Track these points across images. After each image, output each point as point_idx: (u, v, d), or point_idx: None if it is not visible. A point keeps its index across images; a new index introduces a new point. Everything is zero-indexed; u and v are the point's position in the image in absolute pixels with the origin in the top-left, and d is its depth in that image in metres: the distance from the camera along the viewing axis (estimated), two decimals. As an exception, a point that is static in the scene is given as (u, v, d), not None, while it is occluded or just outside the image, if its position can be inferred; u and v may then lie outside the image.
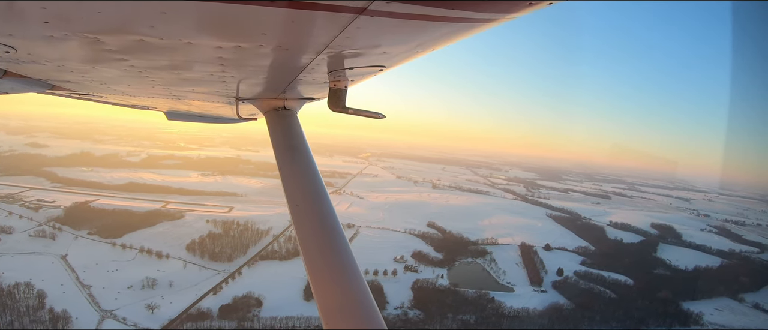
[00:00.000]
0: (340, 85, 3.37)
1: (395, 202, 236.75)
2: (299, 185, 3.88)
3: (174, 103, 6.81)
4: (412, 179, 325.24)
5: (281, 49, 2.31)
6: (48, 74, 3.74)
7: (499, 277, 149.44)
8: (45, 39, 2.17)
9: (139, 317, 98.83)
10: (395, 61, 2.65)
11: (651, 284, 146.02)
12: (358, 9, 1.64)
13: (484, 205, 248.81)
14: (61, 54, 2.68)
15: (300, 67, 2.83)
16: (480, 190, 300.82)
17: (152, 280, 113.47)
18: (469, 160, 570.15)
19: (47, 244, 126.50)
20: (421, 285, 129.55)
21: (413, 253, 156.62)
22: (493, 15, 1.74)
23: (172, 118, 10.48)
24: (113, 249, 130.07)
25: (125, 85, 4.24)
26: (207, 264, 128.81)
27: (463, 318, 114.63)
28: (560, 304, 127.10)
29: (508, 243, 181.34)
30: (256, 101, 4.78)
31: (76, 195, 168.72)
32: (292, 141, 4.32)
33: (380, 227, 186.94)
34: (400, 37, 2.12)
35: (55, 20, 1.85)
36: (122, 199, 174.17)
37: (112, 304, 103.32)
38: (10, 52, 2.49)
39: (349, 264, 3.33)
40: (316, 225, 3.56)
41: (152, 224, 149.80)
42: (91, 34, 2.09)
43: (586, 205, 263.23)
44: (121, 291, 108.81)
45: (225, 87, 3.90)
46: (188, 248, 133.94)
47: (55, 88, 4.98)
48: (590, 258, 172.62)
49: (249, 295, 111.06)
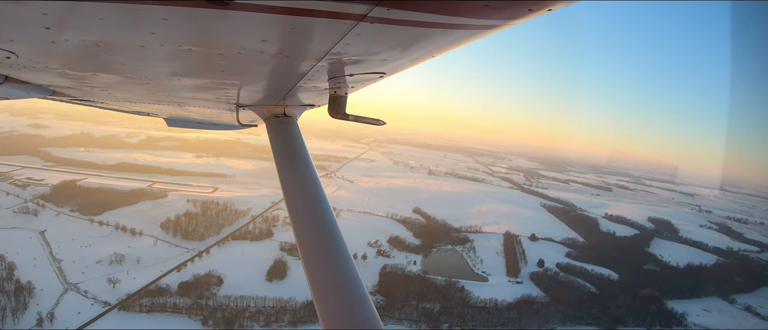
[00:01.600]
0: (341, 92, 3.40)
1: (385, 186, 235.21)
2: (299, 192, 3.84)
3: (174, 109, 6.89)
4: (409, 165, 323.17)
5: (281, 56, 2.30)
6: (49, 80, 3.74)
7: (475, 266, 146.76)
8: (46, 45, 2.16)
9: (100, 291, 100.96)
10: (395, 68, 2.65)
11: (637, 280, 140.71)
12: (358, 16, 1.64)
13: (477, 192, 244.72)
14: (61, 60, 2.68)
15: (300, 74, 2.83)
16: (477, 177, 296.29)
17: (120, 256, 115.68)
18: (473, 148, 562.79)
19: (28, 220, 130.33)
20: (389, 270, 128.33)
21: (390, 238, 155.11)
22: (493, 22, 1.74)
23: (173, 125, 10.78)
24: (91, 226, 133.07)
25: (126, 91, 4.29)
26: (178, 242, 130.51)
27: (425, 306, 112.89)
28: (533, 297, 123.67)
29: (493, 231, 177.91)
30: (257, 108, 4.75)
31: (65, 174, 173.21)
32: (292, 148, 4.28)
33: (362, 211, 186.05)
34: (400, 44, 2.11)
35: (56, 26, 1.83)
36: (111, 178, 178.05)
37: (78, 277, 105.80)
38: (12, 57, 2.46)
39: (349, 271, 3.30)
40: (316, 232, 3.56)
41: (133, 203, 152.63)
42: (91, 41, 2.08)
43: (585, 197, 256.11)
44: (90, 265, 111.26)
45: (225, 94, 3.91)
46: (162, 226, 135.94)
47: (56, 94, 4.95)
48: (577, 250, 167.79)
49: (211, 274, 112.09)
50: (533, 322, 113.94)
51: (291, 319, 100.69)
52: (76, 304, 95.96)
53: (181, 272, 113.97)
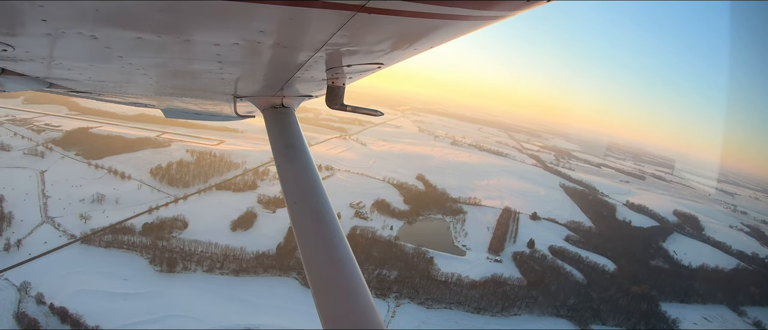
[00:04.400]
0: (338, 83, 3.42)
1: (398, 152, 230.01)
2: (296, 182, 3.87)
3: (172, 101, 7.01)
4: (435, 134, 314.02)
5: (279, 46, 2.30)
6: (46, 72, 3.72)
7: (457, 238, 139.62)
8: (43, 37, 2.15)
9: (71, 226, 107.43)
10: (393, 58, 2.67)
11: (635, 275, 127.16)
12: (355, 6, 1.63)
13: (494, 166, 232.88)
14: (58, 52, 2.68)
15: (298, 65, 2.86)
16: (501, 152, 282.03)
17: (102, 196, 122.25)
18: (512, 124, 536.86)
19: (34, 161, 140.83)
20: (359, 233, 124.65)
21: (375, 202, 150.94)
22: (491, 13, 1.73)
23: (170, 116, 10.93)
24: (88, 168, 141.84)
25: (123, 82, 4.33)
26: (162, 188, 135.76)
27: (381, 272, 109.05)
28: (503, 278, 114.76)
29: (493, 206, 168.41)
30: (254, 98, 4.74)
31: (83, 122, 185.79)
32: (289, 139, 4.32)
33: (359, 173, 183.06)
34: (397, 35, 2.12)
35: (52, 18, 1.82)
36: (125, 127, 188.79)
37: (58, 212, 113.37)
38: (8, 50, 2.45)
39: (347, 260, 3.33)
40: (313, 221, 3.59)
41: (136, 150, 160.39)
42: (88, 32, 2.06)
43: (612, 182, 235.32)
44: (72, 203, 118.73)
45: (223, 84, 3.93)
46: (152, 173, 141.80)
47: (54, 86, 4.89)
48: (580, 235, 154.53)
49: (177, 218, 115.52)
50: (494, 304, 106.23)
51: (235, 268, 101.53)
52: (47, 235, 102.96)
53: (151, 215, 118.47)
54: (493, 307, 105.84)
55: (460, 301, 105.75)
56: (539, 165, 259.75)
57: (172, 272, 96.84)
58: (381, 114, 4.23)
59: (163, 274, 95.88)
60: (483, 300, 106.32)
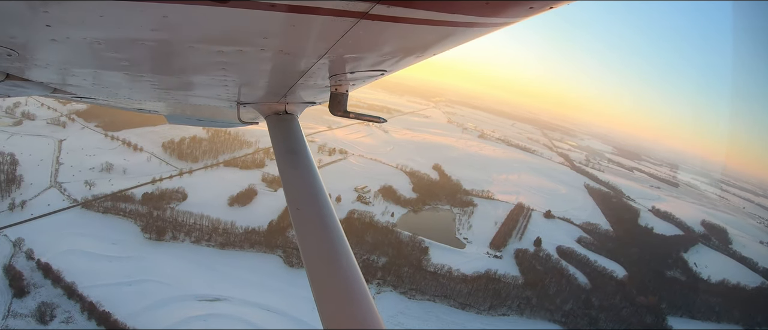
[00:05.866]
0: (342, 90, 3.44)
1: (419, 141, 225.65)
2: (300, 189, 3.84)
3: (175, 106, 7.13)
4: (464, 126, 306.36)
5: (282, 53, 2.31)
6: (50, 78, 3.75)
7: (459, 231, 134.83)
8: (47, 43, 2.15)
9: (75, 191, 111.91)
10: (396, 65, 2.66)
11: (646, 284, 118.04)
12: (359, 13, 1.63)
13: (517, 161, 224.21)
14: (62, 58, 2.69)
15: (301, 72, 2.86)
16: (530, 148, 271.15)
17: (111, 165, 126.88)
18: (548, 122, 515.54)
19: (55, 130, 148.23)
20: (356, 216, 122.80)
21: (382, 187, 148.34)
22: (494, 20, 1.72)
23: (173, 122, 10.99)
24: (104, 139, 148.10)
25: (127, 88, 4.33)
26: (171, 161, 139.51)
27: (370, 258, 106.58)
28: (498, 275, 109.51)
29: (507, 200, 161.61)
30: (258, 105, 4.76)
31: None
32: (293, 145, 4.30)
33: (373, 158, 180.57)
34: (401, 42, 2.11)
35: (56, 24, 1.82)
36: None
37: (66, 178, 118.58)
38: (12, 55, 2.45)
39: (350, 267, 3.30)
40: (316, 228, 3.56)
41: (154, 124, 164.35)
42: (92, 39, 2.07)
43: (641, 187, 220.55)
44: (82, 170, 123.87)
45: (226, 91, 3.96)
46: (164, 146, 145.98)
47: (57, 92, 4.93)
48: (594, 237, 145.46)
49: (178, 190, 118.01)
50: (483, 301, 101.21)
51: (222, 241, 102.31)
52: (51, 198, 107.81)
53: (153, 185, 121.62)
54: (480, 305, 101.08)
55: (446, 294, 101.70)
56: (566, 164, 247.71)
57: (160, 240, 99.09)
58: (384, 121, 4.25)
59: (151, 241, 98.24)
60: (471, 296, 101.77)
